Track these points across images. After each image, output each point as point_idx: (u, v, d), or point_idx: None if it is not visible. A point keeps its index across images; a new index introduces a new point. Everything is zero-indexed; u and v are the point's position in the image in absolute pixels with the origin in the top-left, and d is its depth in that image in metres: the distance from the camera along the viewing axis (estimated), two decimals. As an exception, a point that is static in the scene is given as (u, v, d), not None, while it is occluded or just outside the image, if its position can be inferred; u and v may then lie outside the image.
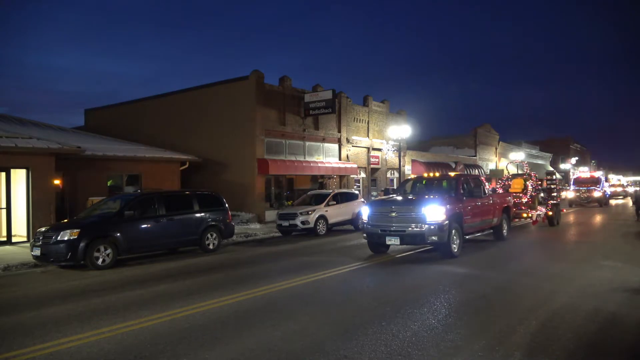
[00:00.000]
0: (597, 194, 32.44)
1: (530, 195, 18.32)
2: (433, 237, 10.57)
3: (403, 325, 5.80)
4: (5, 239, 14.82)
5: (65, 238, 10.68)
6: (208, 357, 4.92)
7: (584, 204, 32.56)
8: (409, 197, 12.23)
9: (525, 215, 17.69)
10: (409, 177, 13.89)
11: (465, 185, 12.41)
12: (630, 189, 57.65)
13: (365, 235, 11.76)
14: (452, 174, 13.02)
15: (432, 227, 10.60)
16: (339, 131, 26.77)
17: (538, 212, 17.94)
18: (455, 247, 10.96)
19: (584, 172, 39.46)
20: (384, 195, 13.64)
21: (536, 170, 56.51)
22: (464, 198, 11.96)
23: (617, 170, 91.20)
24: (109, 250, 11.03)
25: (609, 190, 37.27)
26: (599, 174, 37.68)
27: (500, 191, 17.74)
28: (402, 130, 26.65)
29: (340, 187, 25.65)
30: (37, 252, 10.94)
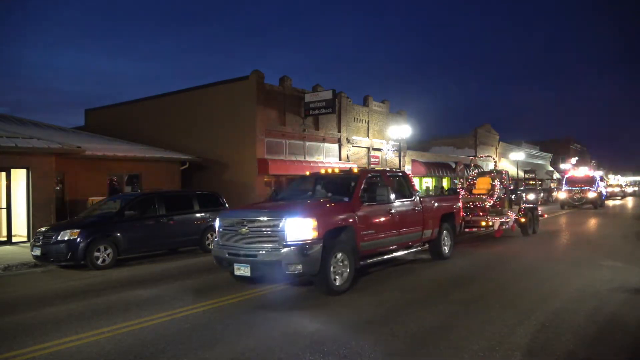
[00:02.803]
0: (591, 194, 29.72)
1: (498, 198, 14.78)
2: (296, 266, 7.06)
3: None
4: (5, 239, 14.82)
5: (66, 238, 10.68)
6: (208, 357, 4.92)
7: (577, 205, 30.03)
8: (270, 204, 8.98)
9: (484, 223, 13.63)
10: (305, 175, 10.33)
11: (371, 186, 8.87)
12: (629, 189, 57.50)
13: (214, 259, 8.22)
14: (355, 169, 9.14)
15: (294, 249, 7.04)
16: (339, 131, 26.78)
17: (504, 219, 14.09)
18: (338, 279, 7.52)
19: (577, 170, 36.04)
20: (272, 198, 9.99)
21: (536, 170, 56.80)
22: (364, 203, 8.39)
23: (617, 170, 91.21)
24: (109, 250, 11.02)
25: (604, 191, 35.13)
26: (593, 172, 34.84)
27: (462, 192, 15.20)
28: (402, 130, 26.64)
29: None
30: (38, 252, 10.94)
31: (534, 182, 42.96)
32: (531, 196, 31.80)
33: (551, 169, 63.98)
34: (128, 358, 4.95)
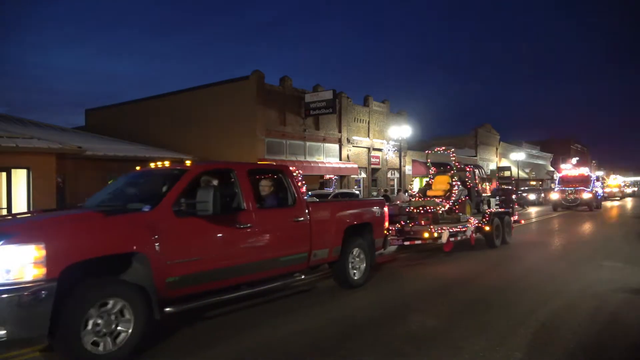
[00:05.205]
0: (586, 195, 27.61)
1: (456, 201, 12.09)
2: None
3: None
4: (5, 239, 14.80)
5: (66, 238, 10.59)
6: (209, 357, 4.93)
7: (570, 207, 27.95)
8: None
9: (427, 235, 10.48)
10: (138, 169, 7.30)
11: (205, 189, 5.52)
12: (628, 190, 57.04)
13: None
14: (188, 162, 6.63)
15: None
16: (340, 131, 26.79)
17: (456, 229, 11.05)
18: (102, 344, 4.58)
19: (572, 169, 33.81)
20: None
21: (536, 171, 56.65)
22: (182, 215, 5.41)
23: (618, 170, 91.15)
24: (109, 250, 10.94)
25: (601, 191, 33.28)
26: (588, 171, 32.67)
27: (414, 193, 13.10)
28: (403, 130, 26.71)
29: (341, 188, 25.68)
30: (38, 252, 10.89)
31: (529, 182, 42.84)
32: (531, 197, 31.22)
33: (552, 169, 63.97)
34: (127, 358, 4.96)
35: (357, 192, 25.10)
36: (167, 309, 5.15)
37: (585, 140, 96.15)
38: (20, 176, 15.25)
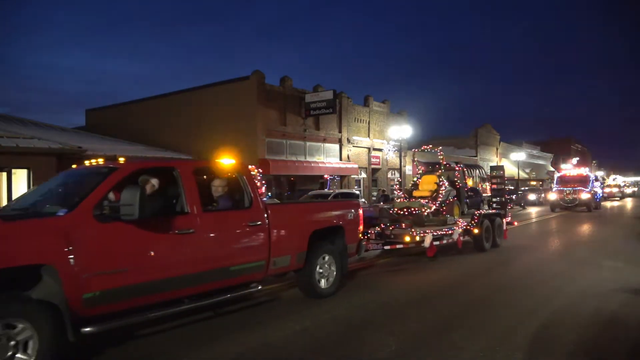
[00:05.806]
0: (584, 195, 27.16)
1: (443, 202, 11.58)
2: None
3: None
4: (6, 239, 14.80)
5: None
6: (209, 357, 4.93)
7: (569, 207, 27.46)
8: None
9: (408, 238, 9.83)
10: (74, 167, 6.82)
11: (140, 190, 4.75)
12: (628, 190, 56.88)
13: None
14: (121, 159, 5.69)
15: None
16: (340, 131, 26.80)
17: (440, 233, 10.49)
18: None
19: (570, 168, 33.11)
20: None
21: (537, 171, 56.56)
22: (106, 220, 4.75)
23: (619, 170, 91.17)
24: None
25: (600, 191, 32.94)
26: (587, 171, 32.06)
27: (399, 194, 12.28)
28: (403, 130, 26.74)
29: (341, 188, 25.71)
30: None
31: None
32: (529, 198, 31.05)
33: (552, 169, 63.98)
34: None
35: (358, 192, 25.10)
36: (86, 329, 4.40)
37: (585, 140, 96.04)
38: (20, 176, 15.27)
